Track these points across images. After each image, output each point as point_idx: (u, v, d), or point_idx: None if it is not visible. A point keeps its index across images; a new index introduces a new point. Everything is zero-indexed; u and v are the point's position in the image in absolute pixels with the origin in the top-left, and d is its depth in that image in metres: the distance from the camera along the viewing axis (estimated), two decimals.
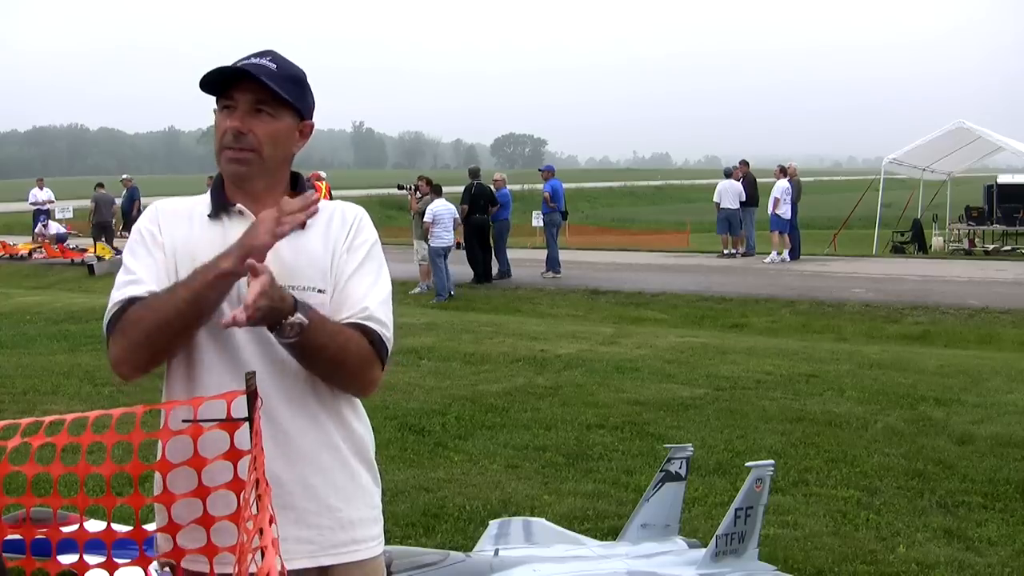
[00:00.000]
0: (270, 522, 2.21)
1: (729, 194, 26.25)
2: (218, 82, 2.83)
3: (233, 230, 2.81)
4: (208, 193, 2.94)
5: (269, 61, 2.83)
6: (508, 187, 23.83)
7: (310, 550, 2.83)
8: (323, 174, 25.94)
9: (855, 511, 7.21)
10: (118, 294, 2.76)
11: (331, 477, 2.86)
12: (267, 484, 2.40)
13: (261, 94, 2.80)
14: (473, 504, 7.17)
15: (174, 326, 2.65)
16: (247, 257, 2.55)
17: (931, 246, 31.55)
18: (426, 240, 20.28)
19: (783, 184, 25.39)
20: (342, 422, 2.90)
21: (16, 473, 2.68)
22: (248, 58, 2.85)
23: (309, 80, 2.97)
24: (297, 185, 2.96)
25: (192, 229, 2.86)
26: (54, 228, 32.03)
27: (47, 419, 2.67)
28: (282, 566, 2.35)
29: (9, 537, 2.77)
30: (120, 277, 2.81)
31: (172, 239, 2.83)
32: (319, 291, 2.83)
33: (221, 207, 2.88)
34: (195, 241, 2.82)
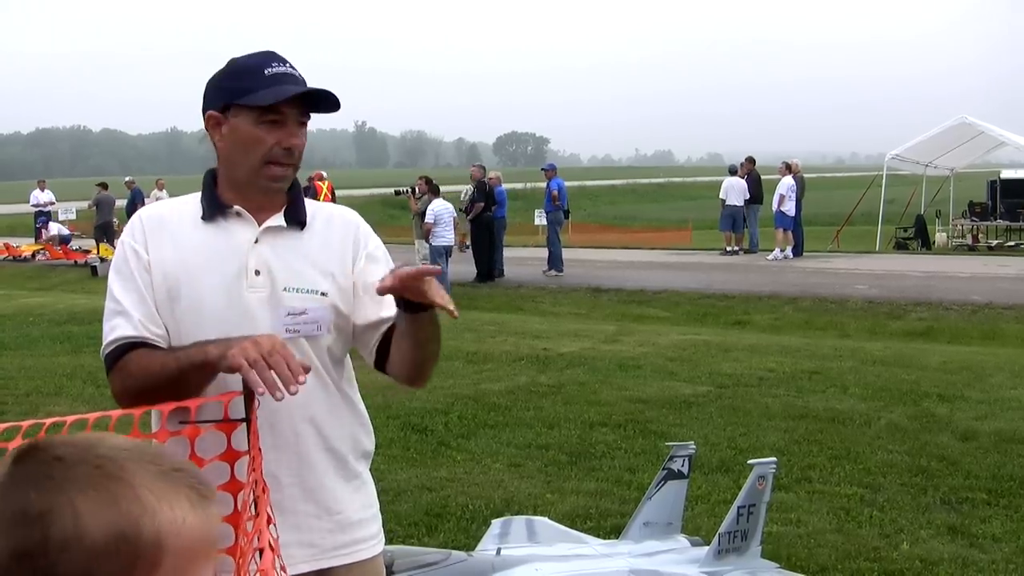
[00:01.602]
0: (268, 523, 2.20)
1: (735, 191, 26.24)
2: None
3: (233, 232, 2.81)
4: (196, 195, 2.91)
5: (291, 69, 2.80)
6: (506, 185, 23.87)
7: (311, 554, 2.83)
8: (324, 174, 25.95)
9: (858, 508, 7.20)
10: (108, 327, 2.78)
11: (329, 479, 2.86)
12: (265, 485, 2.40)
13: (304, 108, 2.80)
14: (476, 503, 7.17)
15: (164, 388, 2.62)
16: (234, 350, 2.49)
17: (934, 242, 31.45)
18: (427, 240, 20.28)
19: (788, 181, 25.35)
20: (340, 423, 2.90)
21: None
22: (270, 64, 2.79)
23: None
24: (292, 187, 2.93)
25: (183, 235, 2.82)
26: (54, 229, 31.98)
27: (48, 421, 2.66)
28: (281, 566, 2.35)
29: None
30: (108, 304, 2.81)
31: (159, 253, 2.80)
32: (322, 294, 2.83)
33: (218, 210, 2.84)
34: (187, 247, 2.80)
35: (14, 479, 1.26)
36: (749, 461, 5.45)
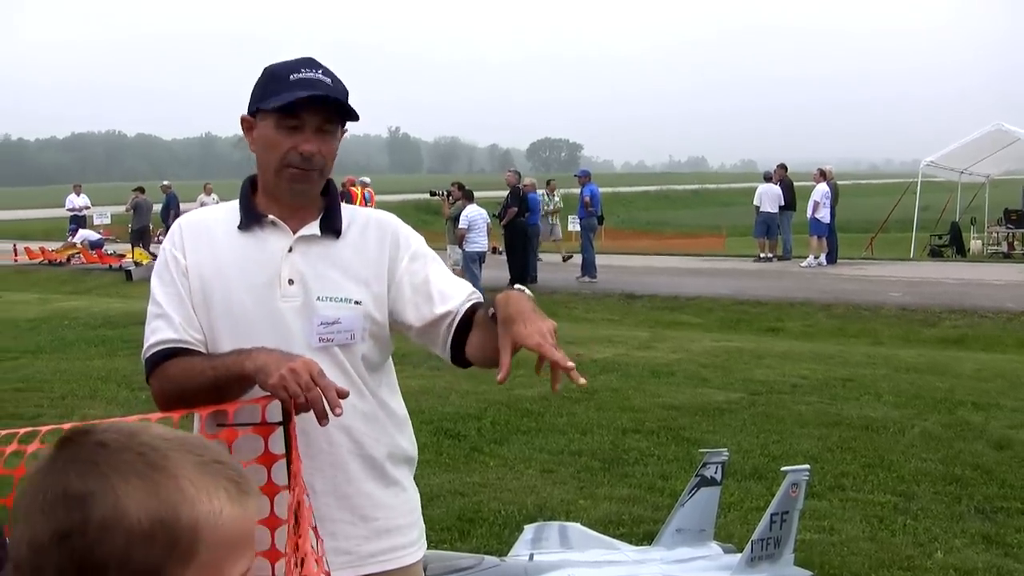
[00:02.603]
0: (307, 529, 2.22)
1: (769, 197, 26.21)
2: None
3: (268, 241, 2.83)
4: (236, 202, 2.92)
5: (323, 75, 2.78)
6: (538, 190, 23.94)
7: (347, 560, 2.83)
8: (367, 180, 25.90)
9: (892, 516, 7.16)
10: (149, 330, 2.81)
11: (365, 486, 2.87)
12: (304, 488, 2.42)
13: (327, 114, 2.78)
14: (508, 509, 7.17)
15: (202, 393, 2.64)
16: (273, 379, 2.49)
17: (969, 249, 31.30)
18: (460, 245, 20.30)
19: (823, 188, 25.26)
20: (376, 430, 2.90)
21: None
22: (299, 69, 2.78)
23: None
24: (328, 191, 2.94)
25: (220, 243, 2.84)
26: (82, 236, 32.10)
27: (87, 424, 2.68)
28: (326, 572, 2.36)
29: None
30: (150, 307, 2.83)
31: (197, 260, 2.82)
32: (356, 303, 2.83)
33: (253, 219, 2.86)
34: (223, 255, 2.82)
35: (57, 462, 1.29)
36: (782, 468, 5.44)
